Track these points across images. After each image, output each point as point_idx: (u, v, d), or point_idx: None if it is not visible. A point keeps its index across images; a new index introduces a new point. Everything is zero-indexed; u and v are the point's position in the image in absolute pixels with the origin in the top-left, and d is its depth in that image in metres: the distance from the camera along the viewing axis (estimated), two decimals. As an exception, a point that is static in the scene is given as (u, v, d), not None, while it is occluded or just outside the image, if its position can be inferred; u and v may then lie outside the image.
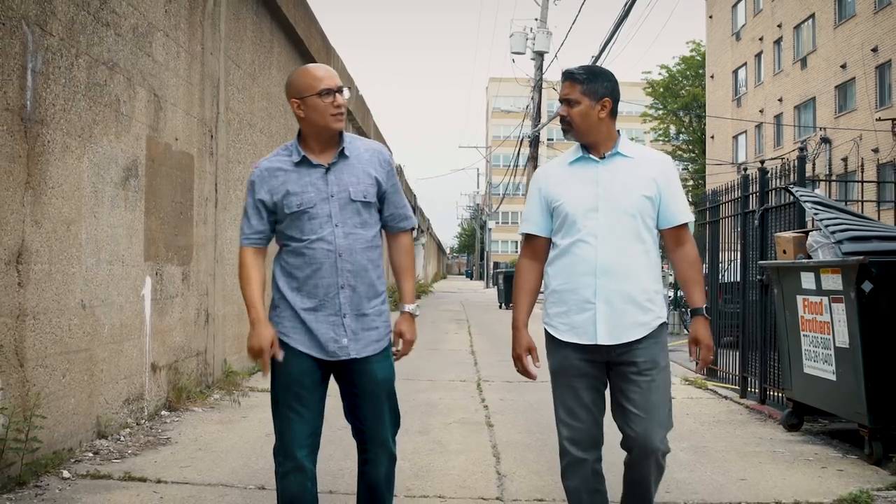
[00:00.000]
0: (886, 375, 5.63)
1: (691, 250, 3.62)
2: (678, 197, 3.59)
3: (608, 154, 3.56)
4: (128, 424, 6.40)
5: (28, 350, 5.00)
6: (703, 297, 3.60)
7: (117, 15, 6.20)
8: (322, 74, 3.44)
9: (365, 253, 3.46)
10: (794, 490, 5.12)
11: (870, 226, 6.16)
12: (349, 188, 3.45)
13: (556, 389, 3.61)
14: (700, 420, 7.51)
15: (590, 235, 3.47)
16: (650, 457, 3.48)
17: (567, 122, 3.57)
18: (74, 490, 4.78)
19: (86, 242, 5.73)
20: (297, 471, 3.38)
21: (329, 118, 3.41)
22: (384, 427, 3.52)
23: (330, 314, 3.41)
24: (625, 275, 3.45)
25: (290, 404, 3.40)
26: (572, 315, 3.50)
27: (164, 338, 7.20)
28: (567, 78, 3.56)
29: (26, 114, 4.96)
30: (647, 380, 3.46)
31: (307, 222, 3.42)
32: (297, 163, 3.45)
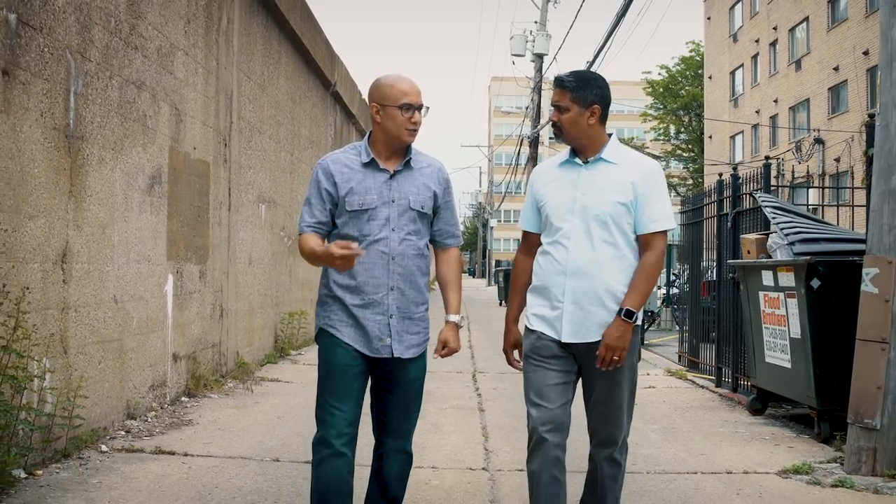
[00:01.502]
0: (832, 363, 6.29)
1: (650, 257, 3.59)
2: (654, 205, 3.61)
3: (592, 159, 3.66)
4: (153, 408, 7.08)
5: (71, 339, 5.68)
6: (632, 301, 3.53)
7: (144, 38, 6.88)
8: (408, 89, 3.57)
9: (415, 259, 3.61)
10: (745, 463, 5.81)
11: (821, 229, 6.84)
12: (409, 196, 3.60)
13: (527, 372, 3.70)
14: (674, 406, 8.20)
15: (564, 237, 3.59)
16: (610, 451, 3.65)
17: (558, 127, 3.67)
18: (113, 461, 5.47)
19: (118, 244, 6.41)
20: (335, 457, 3.48)
21: (404, 132, 3.58)
22: (408, 423, 3.70)
23: (378, 313, 3.55)
24: (593, 277, 3.54)
25: (334, 393, 3.53)
26: (545, 311, 3.64)
27: (183, 330, 7.89)
28: (557, 85, 3.65)
29: (69, 131, 5.64)
30: (609, 377, 3.57)
31: (366, 223, 3.56)
32: (365, 164, 3.61)
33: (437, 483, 5.19)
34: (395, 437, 3.68)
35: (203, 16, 8.35)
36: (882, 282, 5.49)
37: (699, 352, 10.71)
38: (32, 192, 5.17)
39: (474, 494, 4.97)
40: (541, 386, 3.61)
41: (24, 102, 5.07)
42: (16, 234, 4.91)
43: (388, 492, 3.72)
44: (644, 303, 3.59)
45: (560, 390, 3.60)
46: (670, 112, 52.11)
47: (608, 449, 3.66)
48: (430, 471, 5.47)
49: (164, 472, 5.23)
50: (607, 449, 3.66)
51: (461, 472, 5.47)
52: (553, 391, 3.59)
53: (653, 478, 5.41)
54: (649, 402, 8.39)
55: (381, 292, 3.56)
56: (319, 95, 14.96)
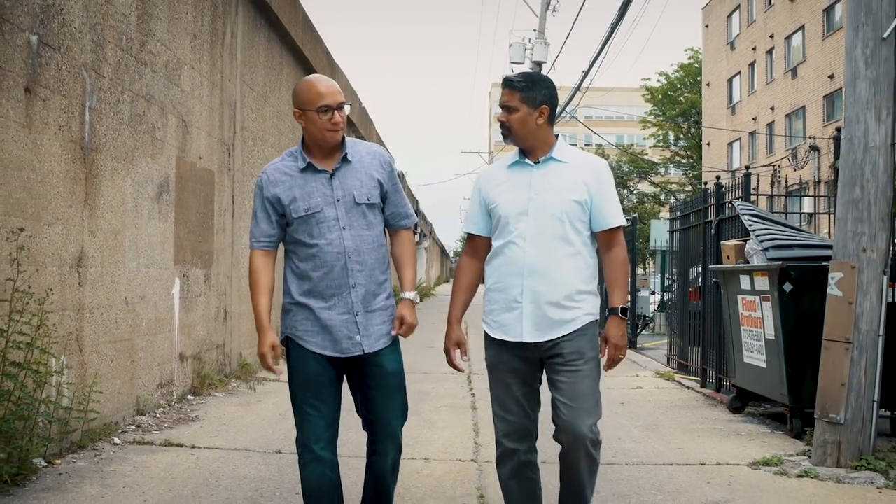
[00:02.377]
0: (804, 362, 6.65)
1: (619, 253, 3.70)
2: (610, 201, 3.69)
3: (543, 159, 3.68)
4: (161, 405, 7.45)
5: (86, 338, 6.06)
6: (621, 298, 3.69)
7: (153, 55, 7.26)
8: (324, 91, 3.56)
9: (372, 253, 3.61)
10: (718, 455, 6.17)
11: (794, 236, 7.21)
12: (353, 192, 3.59)
13: (490, 384, 3.78)
14: (659, 405, 8.56)
15: (519, 238, 3.61)
16: (579, 445, 3.55)
17: (507, 127, 3.69)
18: (125, 452, 5.84)
19: (128, 249, 6.79)
20: (315, 461, 3.59)
21: (326, 133, 3.56)
22: (395, 418, 3.69)
23: (343, 312, 3.56)
24: (551, 276, 3.58)
25: (308, 401, 3.60)
26: (502, 313, 3.66)
27: (189, 332, 8.26)
28: (506, 85, 3.67)
29: (85, 143, 6.02)
30: (572, 370, 3.58)
31: (315, 226, 3.56)
32: (302, 168, 3.61)
33: (429, 472, 5.55)
34: (383, 432, 3.68)
35: (208, 31, 8.73)
36: (846, 285, 5.86)
37: (687, 354, 11.07)
38: (51, 200, 5.55)
39: (462, 482, 5.33)
40: (504, 400, 3.70)
41: (44, 117, 5.45)
42: (37, 239, 5.29)
43: (384, 483, 3.76)
44: (626, 295, 3.71)
45: (523, 402, 3.68)
46: (669, 119, 52.50)
47: (578, 443, 3.57)
48: (423, 462, 5.83)
49: (174, 462, 5.60)
50: (577, 443, 3.57)
51: (451, 463, 5.83)
52: (515, 404, 3.67)
53: (631, 468, 5.77)
54: (635, 401, 8.75)
55: (344, 292, 3.56)
56: (320, 104, 15.32)
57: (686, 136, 52.68)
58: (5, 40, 5.00)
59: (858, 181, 5.89)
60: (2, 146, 4.96)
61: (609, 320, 3.68)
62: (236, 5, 9.74)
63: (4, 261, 4.92)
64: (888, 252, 5.91)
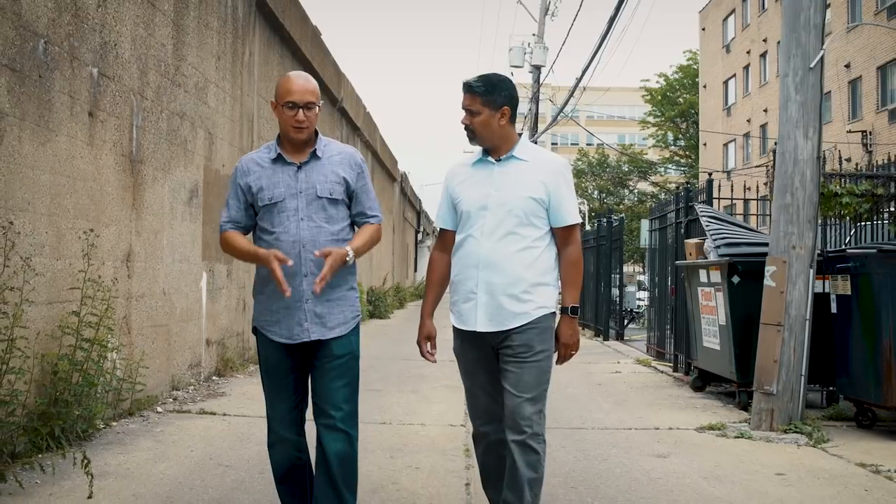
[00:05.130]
0: (749, 344, 7.67)
1: (573, 252, 3.80)
2: (567, 200, 3.78)
3: (504, 157, 3.79)
4: (191, 383, 8.52)
5: (133, 322, 7.12)
6: (573, 297, 3.77)
7: (185, 77, 8.32)
8: (294, 88, 3.65)
9: (330, 245, 3.66)
10: (672, 422, 7.23)
11: (744, 235, 8.26)
12: (316, 185, 3.70)
13: (460, 372, 3.96)
14: (631, 386, 9.62)
15: (478, 231, 3.74)
16: (519, 433, 3.61)
17: (470, 129, 3.80)
18: (168, 419, 6.91)
19: (166, 246, 7.85)
20: (280, 442, 3.80)
21: (290, 129, 3.67)
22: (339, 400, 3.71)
23: (295, 300, 3.65)
24: (504, 269, 3.69)
25: (272, 386, 3.79)
26: (460, 304, 3.81)
27: (214, 320, 9.33)
28: (467, 91, 3.76)
29: (132, 157, 7.08)
30: (519, 361, 3.67)
31: (276, 215, 3.68)
32: (273, 160, 3.75)
33: (425, 434, 6.61)
34: (326, 415, 3.70)
35: (230, 52, 9.80)
36: (778, 277, 6.91)
37: (665, 343, 12.11)
38: (108, 206, 6.61)
39: (452, 440, 6.37)
40: (470, 386, 3.90)
41: (102, 136, 6.52)
42: (99, 239, 6.35)
43: (331, 476, 3.69)
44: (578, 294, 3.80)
45: (487, 388, 3.82)
46: (668, 119, 53.51)
47: (520, 434, 3.62)
48: (420, 426, 6.89)
49: (210, 426, 6.66)
50: (519, 434, 3.62)
51: (444, 427, 6.89)
52: (480, 389, 3.85)
53: (596, 432, 6.82)
54: (611, 383, 9.81)
55: (297, 280, 3.64)
56: (327, 112, 16.40)
57: (684, 136, 53.67)
58: (74, 74, 6.06)
59: (789, 189, 6.94)
60: (72, 162, 6.03)
61: (560, 320, 3.79)
62: (254, 26, 10.81)
63: (76, 256, 5.99)
64: (814, 249, 6.96)
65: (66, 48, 5.93)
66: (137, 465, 5.35)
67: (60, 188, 5.88)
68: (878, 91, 29.25)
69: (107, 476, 4.95)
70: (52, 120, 5.76)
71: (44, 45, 5.63)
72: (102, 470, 5.05)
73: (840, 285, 7.05)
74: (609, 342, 16.02)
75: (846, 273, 6.95)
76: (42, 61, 5.62)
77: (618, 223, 16.62)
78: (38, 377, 5.55)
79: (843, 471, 5.59)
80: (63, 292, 5.88)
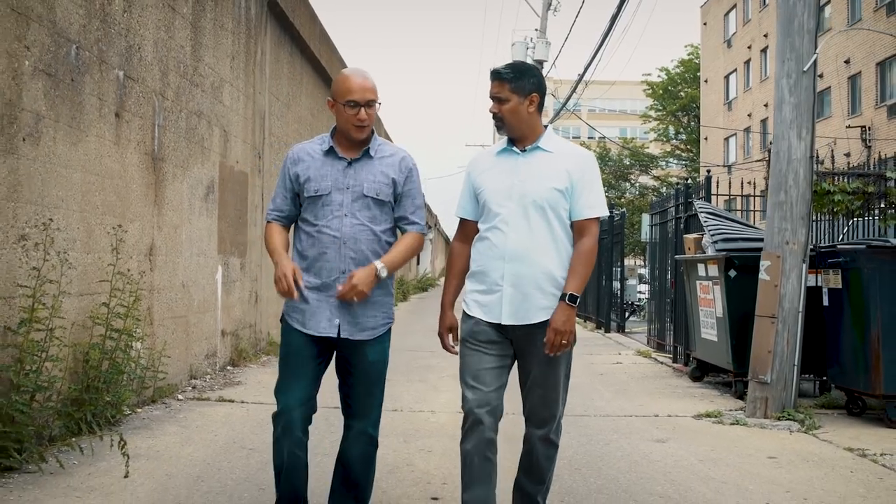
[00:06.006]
0: (745, 335, 7.99)
1: (587, 243, 3.68)
2: (590, 192, 3.70)
3: (529, 147, 3.73)
4: (208, 372, 8.84)
5: (155, 314, 7.44)
6: (575, 286, 3.63)
7: (202, 77, 8.63)
8: (354, 86, 3.64)
9: (370, 244, 3.68)
10: (670, 410, 7.55)
11: (741, 231, 8.57)
12: (364, 183, 3.69)
13: (463, 356, 3.76)
14: (632, 376, 9.95)
15: (502, 223, 3.66)
16: (545, 428, 3.70)
17: (499, 118, 3.72)
18: (189, 405, 7.23)
19: (184, 241, 8.17)
20: (286, 436, 3.70)
21: (351, 127, 3.67)
22: (370, 407, 3.79)
23: (330, 295, 3.66)
24: (532, 261, 3.62)
25: (290, 372, 3.73)
26: (483, 296, 3.72)
27: (229, 312, 9.65)
28: (495, 77, 3.70)
29: (155, 155, 7.40)
30: (547, 359, 3.64)
31: (321, 208, 3.67)
32: (325, 151, 3.75)
33: (434, 420, 6.93)
34: (357, 419, 3.79)
35: (243, 52, 10.10)
36: (773, 271, 7.23)
37: (665, 335, 12.44)
38: (132, 202, 6.93)
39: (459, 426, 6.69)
40: (477, 369, 3.68)
41: (127, 136, 6.83)
42: (125, 234, 6.66)
43: (350, 474, 3.80)
44: (584, 286, 3.70)
45: (496, 374, 3.68)
46: (670, 113, 53.76)
47: (544, 430, 3.70)
48: (430, 413, 7.22)
49: (230, 412, 6.99)
50: (543, 430, 3.70)
51: (451, 414, 7.20)
52: (489, 374, 3.67)
53: (597, 419, 7.15)
54: (612, 373, 10.14)
55: (334, 275, 3.65)
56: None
57: (686, 130, 53.92)
58: (103, 77, 6.37)
59: (783, 187, 7.25)
60: (101, 161, 6.34)
61: (558, 306, 3.62)
62: (265, 26, 11.11)
63: (104, 250, 6.31)
64: (807, 244, 7.27)
65: (95, 52, 6.24)
66: (166, 447, 5.68)
67: (90, 186, 6.19)
68: (877, 87, 29.53)
69: (139, 458, 5.27)
70: (82, 121, 6.07)
71: (76, 51, 5.94)
72: (134, 452, 5.36)
73: (831, 279, 7.37)
74: (611, 334, 16.36)
75: (837, 267, 7.26)
76: (74, 65, 5.93)
77: (619, 218, 16.94)
78: (71, 365, 5.87)
79: (831, 455, 5.91)
80: (93, 284, 6.19)
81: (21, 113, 5.25)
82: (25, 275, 5.22)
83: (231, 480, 4.91)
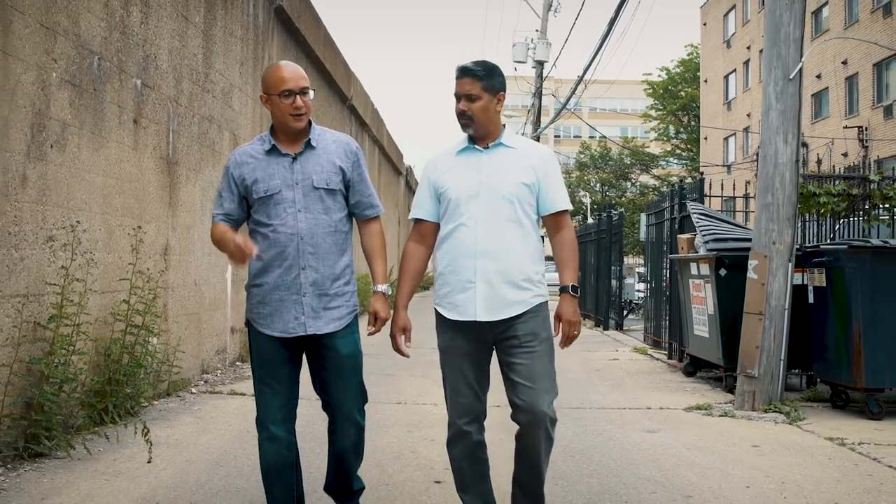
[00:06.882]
0: (735, 332, 8.31)
1: (568, 234, 3.77)
2: (556, 186, 3.76)
3: (492, 144, 3.74)
4: (218, 367, 9.19)
5: (170, 311, 7.78)
6: (572, 276, 3.74)
7: (213, 83, 8.97)
8: (287, 76, 3.60)
9: (328, 237, 3.68)
10: (662, 403, 7.89)
11: (732, 231, 8.90)
12: (313, 176, 3.65)
13: (443, 367, 3.81)
14: (627, 371, 10.28)
15: (471, 220, 3.66)
16: (539, 424, 3.61)
17: (468, 116, 3.69)
18: (203, 398, 7.58)
19: (197, 241, 8.51)
20: (270, 440, 3.73)
21: (288, 118, 3.61)
22: (349, 400, 3.77)
23: (292, 293, 3.64)
24: (503, 256, 3.63)
25: (264, 381, 3.75)
26: (455, 294, 3.71)
27: (238, 309, 9.99)
28: (467, 74, 3.67)
29: (169, 159, 7.74)
30: (528, 351, 3.64)
31: (273, 207, 3.63)
32: (267, 151, 3.69)
33: (437, 412, 7.26)
34: (341, 414, 3.78)
35: (252, 57, 10.44)
36: (760, 270, 7.56)
37: (661, 332, 12.76)
38: (149, 204, 7.27)
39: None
40: (457, 383, 3.76)
41: (144, 141, 7.17)
42: (143, 234, 7.00)
43: (343, 463, 3.86)
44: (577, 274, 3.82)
45: (475, 385, 3.75)
46: (670, 113, 54.08)
47: (539, 425, 3.63)
48: (432, 406, 7.55)
49: (242, 404, 7.33)
50: (538, 424, 3.63)
51: (454, 407, 7.55)
52: (468, 387, 3.74)
53: (593, 411, 7.48)
54: (608, 369, 10.48)
55: (293, 273, 3.65)
56: (338, 109, 17.06)
57: (686, 129, 54.24)
58: (122, 85, 6.71)
59: (770, 189, 7.58)
60: (121, 165, 6.68)
61: (561, 298, 3.73)
62: (272, 31, 11.45)
63: (124, 250, 6.65)
64: (793, 244, 7.60)
65: (115, 63, 6.58)
66: (184, 436, 6.02)
67: (111, 189, 6.53)
68: (873, 87, 29.84)
69: (159, 445, 5.61)
70: (104, 128, 6.41)
71: (98, 61, 6.27)
72: (155, 441, 5.67)
73: (816, 278, 7.70)
74: (609, 332, 16.69)
75: (822, 267, 7.59)
76: (96, 75, 6.27)
77: (617, 218, 17.27)
78: (94, 359, 6.22)
79: (812, 443, 6.24)
80: (113, 283, 6.54)
81: (49, 121, 5.59)
82: (53, 273, 5.57)
83: (247, 466, 5.24)
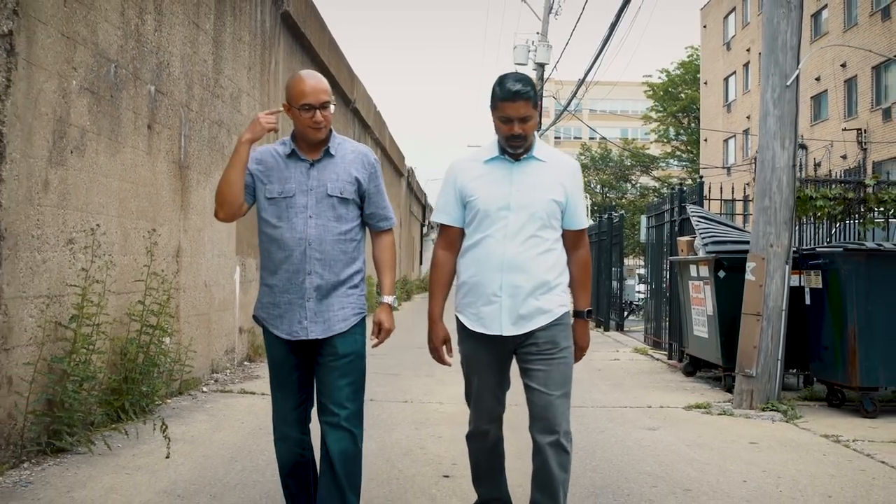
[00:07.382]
0: (733, 332, 8.50)
1: (585, 254, 3.83)
2: (581, 204, 3.79)
3: (524, 157, 3.69)
4: (227, 367, 9.37)
5: (181, 312, 7.97)
6: (587, 301, 3.81)
7: (222, 88, 9.16)
8: (308, 90, 3.62)
9: (336, 244, 3.69)
10: (662, 402, 8.08)
11: (730, 234, 9.09)
12: (327, 184, 3.68)
13: (465, 373, 3.86)
14: (628, 371, 10.47)
15: (498, 232, 3.64)
16: (553, 434, 3.60)
17: (523, 138, 3.62)
18: (214, 397, 7.76)
19: (207, 243, 8.69)
20: (282, 440, 3.81)
21: (308, 130, 3.65)
22: (342, 399, 3.66)
23: (296, 297, 3.66)
24: (530, 271, 3.62)
25: (276, 384, 3.81)
26: (480, 306, 3.68)
27: (245, 309, 10.17)
28: (520, 97, 3.56)
29: (181, 163, 7.93)
30: (546, 359, 3.65)
31: (284, 210, 3.66)
32: (287, 154, 3.73)
33: (443, 410, 7.46)
34: (330, 413, 3.66)
35: (259, 62, 10.63)
36: (758, 272, 7.75)
37: (661, 333, 12.95)
38: (162, 207, 7.46)
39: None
40: (479, 390, 3.81)
41: (157, 146, 7.36)
42: (157, 237, 7.19)
43: (334, 475, 3.65)
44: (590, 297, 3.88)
45: (496, 391, 3.80)
46: (670, 115, 54.27)
47: (553, 435, 3.61)
48: (438, 404, 7.74)
49: (252, 402, 7.52)
50: (552, 435, 3.61)
51: (459, 405, 7.63)
52: (489, 393, 3.80)
53: (594, 409, 7.67)
54: (609, 369, 10.66)
55: (300, 277, 3.66)
56: (341, 112, 17.25)
57: (686, 131, 54.42)
58: (137, 92, 6.90)
59: (768, 193, 7.77)
60: (136, 170, 6.87)
61: (576, 324, 3.81)
62: (279, 36, 11.64)
63: (139, 252, 6.84)
64: (790, 247, 7.79)
65: (130, 70, 6.77)
66: (199, 433, 6.21)
67: (126, 193, 6.72)
68: (872, 90, 30.04)
69: (176, 441, 5.79)
70: (120, 133, 6.60)
71: (114, 69, 6.46)
72: (171, 437, 5.87)
73: (812, 279, 7.89)
74: (610, 333, 16.88)
75: (818, 269, 7.78)
76: (113, 83, 6.45)
77: (618, 220, 17.47)
78: (111, 358, 6.40)
79: (808, 441, 6.43)
80: (128, 284, 6.72)
81: (69, 128, 5.78)
82: (74, 275, 5.75)
83: (262, 461, 5.42)
